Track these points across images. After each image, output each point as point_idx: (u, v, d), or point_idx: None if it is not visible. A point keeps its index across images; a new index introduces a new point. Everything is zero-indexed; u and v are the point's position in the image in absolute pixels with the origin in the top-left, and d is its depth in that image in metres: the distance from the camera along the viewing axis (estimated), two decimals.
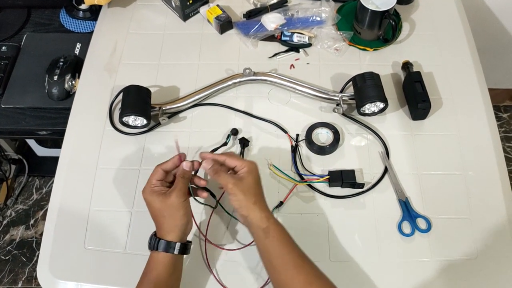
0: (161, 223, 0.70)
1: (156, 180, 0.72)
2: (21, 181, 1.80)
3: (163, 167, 0.74)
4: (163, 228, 0.70)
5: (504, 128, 1.86)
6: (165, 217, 0.70)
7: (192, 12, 1.11)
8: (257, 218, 0.69)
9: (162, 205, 0.70)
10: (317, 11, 1.07)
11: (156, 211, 0.71)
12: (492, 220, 0.82)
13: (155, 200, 0.70)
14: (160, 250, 0.68)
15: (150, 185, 0.72)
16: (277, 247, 0.68)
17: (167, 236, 0.69)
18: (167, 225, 0.70)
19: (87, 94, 1.00)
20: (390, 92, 0.97)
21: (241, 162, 0.73)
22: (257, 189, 0.72)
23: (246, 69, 0.97)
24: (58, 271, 0.81)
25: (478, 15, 1.37)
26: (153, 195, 0.71)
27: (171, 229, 0.70)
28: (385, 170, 0.88)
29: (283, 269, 0.66)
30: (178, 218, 0.70)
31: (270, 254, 0.68)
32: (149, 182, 0.72)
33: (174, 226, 0.70)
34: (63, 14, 1.25)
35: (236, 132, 0.92)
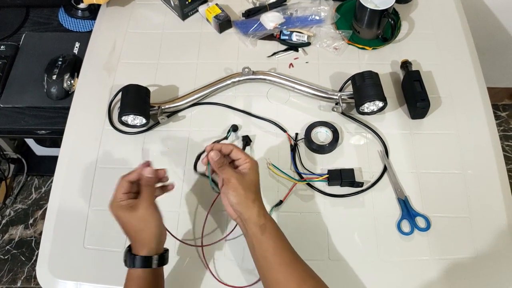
0: (134, 238, 0.67)
1: (122, 194, 0.68)
2: (20, 181, 1.79)
3: (128, 178, 0.70)
4: (138, 243, 0.67)
5: (503, 126, 1.86)
6: (137, 232, 0.67)
7: (191, 11, 1.11)
8: (255, 215, 0.68)
9: (131, 219, 0.67)
10: (316, 10, 1.07)
11: (126, 225, 0.67)
12: (491, 219, 0.82)
13: (123, 215, 0.67)
14: (138, 266, 0.66)
15: (116, 200, 0.68)
16: (273, 243, 0.68)
17: (143, 251, 0.66)
18: (140, 240, 0.67)
19: (86, 93, 1.00)
20: (389, 91, 0.97)
21: (245, 157, 0.72)
22: (257, 187, 0.71)
23: (245, 68, 0.97)
24: (58, 271, 0.81)
25: (477, 13, 1.38)
26: (120, 210, 0.67)
27: (145, 243, 0.66)
28: (384, 169, 0.88)
29: (278, 266, 0.66)
30: (151, 231, 0.67)
31: (265, 250, 0.68)
32: (115, 197, 0.69)
33: (148, 239, 0.67)
34: (62, 13, 1.25)
35: (236, 128, 0.92)
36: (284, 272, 0.66)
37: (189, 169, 0.89)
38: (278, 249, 0.68)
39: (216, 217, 0.84)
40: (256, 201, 0.70)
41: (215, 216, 0.84)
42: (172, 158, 0.91)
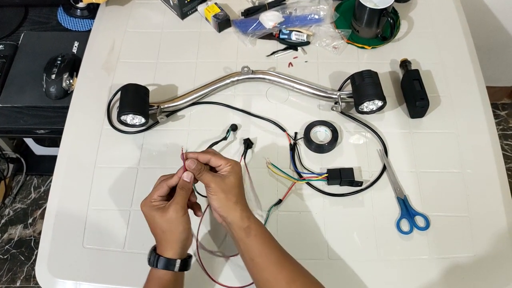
0: (160, 239, 0.68)
1: (158, 196, 0.69)
2: (19, 180, 1.79)
3: (169, 183, 0.70)
4: (162, 244, 0.67)
5: (502, 125, 1.86)
6: (164, 233, 0.67)
7: (190, 10, 1.11)
8: (238, 217, 0.68)
9: (160, 220, 0.67)
10: (315, 9, 1.06)
11: (155, 226, 0.68)
12: (490, 218, 0.82)
13: (153, 215, 0.67)
14: (160, 267, 0.66)
15: (150, 200, 0.69)
16: (259, 245, 0.68)
17: (167, 252, 0.67)
18: (166, 241, 0.67)
19: (85, 92, 1.00)
20: (388, 90, 0.97)
21: (226, 161, 0.71)
22: (238, 189, 0.70)
23: (244, 68, 0.97)
24: (57, 270, 0.80)
25: (476, 12, 1.37)
26: (151, 210, 0.68)
27: (170, 245, 0.67)
28: (384, 168, 0.88)
29: (266, 267, 0.66)
30: (177, 234, 0.67)
31: (252, 253, 0.67)
32: (150, 196, 0.69)
33: (173, 242, 0.67)
34: (61, 12, 1.25)
35: (235, 127, 0.92)
36: (272, 272, 0.66)
37: None
38: (265, 250, 0.67)
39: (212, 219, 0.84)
40: (239, 204, 0.69)
41: (211, 218, 0.84)
42: (171, 158, 0.91)
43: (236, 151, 0.91)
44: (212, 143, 0.90)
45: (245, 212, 0.69)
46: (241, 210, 0.69)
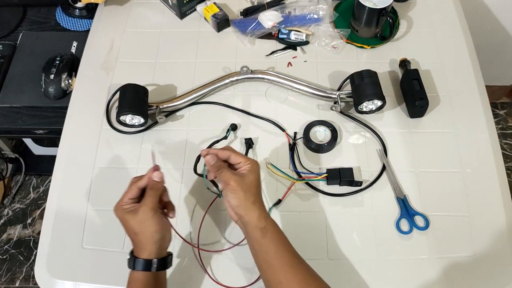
0: (134, 241, 0.67)
1: (128, 199, 0.69)
2: (18, 180, 1.79)
3: (138, 184, 0.69)
4: (138, 246, 0.67)
5: (501, 125, 1.86)
6: (137, 235, 0.67)
7: (189, 10, 1.11)
8: (255, 217, 0.68)
9: (132, 223, 0.66)
10: (314, 9, 1.06)
11: (128, 228, 0.67)
12: (490, 218, 0.82)
13: (125, 218, 0.67)
14: (138, 269, 0.66)
15: (121, 204, 0.68)
16: (274, 246, 0.67)
17: (143, 254, 0.66)
18: (140, 243, 0.67)
19: (84, 92, 1.00)
20: (387, 90, 0.97)
21: (245, 159, 0.71)
22: (257, 189, 0.70)
23: (243, 67, 0.97)
24: (56, 271, 0.80)
25: (475, 12, 1.37)
26: (123, 213, 0.67)
27: (144, 246, 0.66)
28: (383, 168, 0.88)
29: (281, 269, 0.66)
30: (150, 235, 0.66)
31: (266, 254, 0.67)
32: (121, 200, 0.69)
33: (147, 243, 0.66)
34: (59, 12, 1.24)
35: (235, 127, 0.92)
36: (286, 274, 0.65)
37: (188, 169, 0.88)
38: (280, 251, 0.67)
39: (215, 218, 0.84)
40: (257, 203, 0.69)
41: (214, 217, 0.84)
42: (170, 158, 0.90)
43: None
44: (213, 142, 0.90)
45: (262, 213, 0.69)
46: (259, 210, 0.68)
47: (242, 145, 0.91)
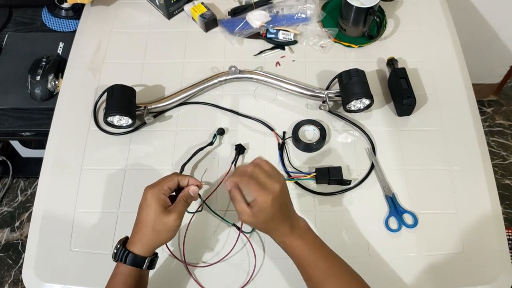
0: (143, 234, 0.66)
1: (168, 188, 0.68)
2: (5, 183, 1.77)
3: (181, 179, 0.70)
4: (141, 240, 0.66)
5: (488, 122, 1.88)
6: (152, 231, 0.66)
7: (177, 10, 1.10)
8: (276, 237, 0.68)
9: (157, 218, 0.66)
10: (302, 8, 1.06)
11: (147, 218, 0.66)
12: (477, 214, 0.83)
13: (154, 207, 0.66)
14: (129, 263, 0.65)
15: (160, 188, 0.67)
16: (303, 262, 0.67)
17: (141, 249, 0.66)
18: (148, 239, 0.66)
19: (71, 94, 0.99)
20: (375, 88, 0.97)
21: (257, 193, 0.64)
22: (275, 219, 0.66)
23: (231, 67, 0.96)
24: (44, 274, 0.79)
25: (461, 10, 1.39)
26: (156, 201, 0.66)
27: (148, 244, 0.66)
28: (372, 167, 0.88)
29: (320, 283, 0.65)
30: (163, 238, 0.67)
31: (301, 271, 0.67)
32: (161, 185, 0.68)
33: (154, 243, 0.67)
34: (45, 13, 1.23)
35: (222, 131, 0.91)
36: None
37: (177, 169, 0.88)
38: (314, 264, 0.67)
39: (201, 223, 0.84)
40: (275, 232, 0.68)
41: (199, 223, 0.84)
42: (159, 159, 0.90)
43: (226, 157, 0.90)
44: (198, 149, 0.89)
45: (295, 240, 0.67)
46: (276, 230, 0.67)
47: (231, 151, 0.90)
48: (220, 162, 0.89)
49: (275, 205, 0.65)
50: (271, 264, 0.79)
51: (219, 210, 0.84)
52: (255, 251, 0.80)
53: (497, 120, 1.89)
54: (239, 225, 0.81)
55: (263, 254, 0.80)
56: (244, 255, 0.80)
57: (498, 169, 1.75)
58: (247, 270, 0.79)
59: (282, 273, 0.79)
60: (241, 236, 0.81)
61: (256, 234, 0.82)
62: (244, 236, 0.81)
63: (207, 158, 0.90)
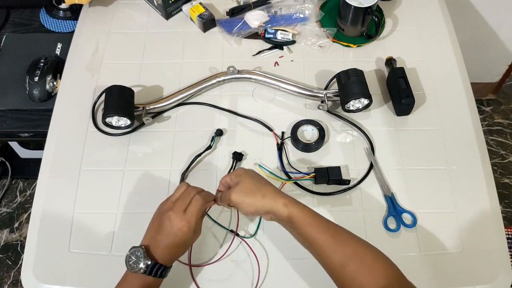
0: (177, 251, 0.69)
1: (200, 216, 0.71)
2: (4, 184, 1.77)
3: (208, 200, 0.73)
4: (173, 256, 0.69)
5: (487, 121, 1.88)
6: (186, 249, 0.71)
7: (175, 10, 1.10)
8: (276, 208, 0.68)
9: (192, 240, 0.70)
10: (300, 8, 1.06)
11: (189, 241, 0.70)
12: (477, 213, 0.83)
13: (192, 235, 0.68)
14: (160, 276, 0.66)
15: (197, 219, 0.69)
16: (306, 231, 0.66)
17: (169, 262, 0.68)
18: (179, 254, 0.70)
19: (69, 95, 0.99)
20: (374, 88, 0.97)
21: (229, 175, 0.74)
22: (257, 184, 0.71)
23: (230, 67, 0.96)
24: (43, 275, 0.79)
25: (460, 9, 1.39)
26: (194, 230, 0.68)
27: (178, 258, 0.70)
28: (371, 166, 0.88)
29: (322, 251, 0.65)
30: (186, 251, 0.72)
31: (303, 240, 0.68)
32: (196, 217, 0.68)
33: (179, 255, 0.70)
34: (43, 14, 1.23)
35: (220, 133, 0.91)
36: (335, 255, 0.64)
37: (175, 170, 0.88)
38: (315, 235, 0.66)
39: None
40: (268, 195, 0.69)
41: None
42: (158, 159, 0.90)
43: (224, 162, 0.89)
44: (197, 155, 0.88)
45: (280, 200, 0.68)
46: (274, 199, 0.68)
47: (230, 156, 0.89)
48: (218, 173, 0.88)
49: (247, 171, 0.73)
50: (275, 268, 0.79)
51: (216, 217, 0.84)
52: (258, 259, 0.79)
53: (496, 119, 1.89)
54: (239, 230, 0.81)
55: (267, 261, 0.80)
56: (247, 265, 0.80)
57: (497, 168, 1.75)
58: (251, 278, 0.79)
59: (288, 275, 0.78)
60: (243, 244, 0.81)
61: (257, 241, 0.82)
62: (245, 242, 0.81)
63: (207, 162, 0.90)
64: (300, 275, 0.78)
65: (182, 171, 0.87)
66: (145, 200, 0.85)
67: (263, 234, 0.81)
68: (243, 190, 0.70)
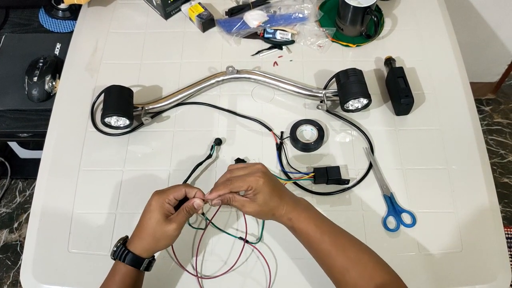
0: (143, 238, 0.68)
1: (173, 198, 0.69)
2: (3, 184, 1.77)
3: (188, 191, 0.70)
4: (141, 243, 0.68)
5: (486, 121, 1.88)
6: (151, 237, 0.67)
7: (174, 10, 1.10)
8: (280, 222, 0.70)
9: (158, 226, 0.67)
10: (300, 8, 1.06)
11: (148, 225, 0.67)
12: (476, 213, 0.83)
13: (156, 214, 0.67)
14: (127, 262, 0.66)
15: (166, 197, 0.68)
16: (311, 237, 0.67)
17: (140, 251, 0.67)
18: (147, 243, 0.67)
19: (68, 95, 0.99)
20: (373, 88, 0.97)
21: (246, 184, 0.68)
22: (274, 196, 0.69)
23: (229, 67, 0.96)
24: (42, 276, 0.79)
25: (459, 9, 1.38)
26: (160, 209, 0.67)
27: (147, 248, 0.68)
28: (370, 166, 0.88)
29: (324, 257, 0.66)
30: (162, 245, 0.69)
31: (310, 247, 0.68)
32: (167, 194, 0.68)
33: (152, 248, 0.68)
34: (42, 14, 1.23)
35: (219, 142, 0.91)
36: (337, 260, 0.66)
37: (174, 170, 0.88)
38: (318, 241, 0.67)
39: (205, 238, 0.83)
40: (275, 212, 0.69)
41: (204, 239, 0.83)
42: (157, 159, 0.90)
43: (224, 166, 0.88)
44: (197, 164, 0.87)
45: (286, 215, 0.69)
46: (280, 216, 0.69)
47: (229, 160, 0.89)
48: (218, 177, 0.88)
49: (266, 179, 0.69)
50: (285, 270, 0.79)
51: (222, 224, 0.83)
52: (267, 261, 0.79)
53: (495, 119, 1.89)
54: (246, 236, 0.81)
55: (275, 263, 0.79)
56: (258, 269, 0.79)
57: (496, 167, 1.75)
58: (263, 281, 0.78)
59: (299, 275, 0.78)
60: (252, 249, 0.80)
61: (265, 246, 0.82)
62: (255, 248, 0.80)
63: (207, 172, 0.89)
64: (309, 274, 0.78)
65: (181, 171, 0.87)
66: (144, 200, 0.84)
67: (267, 236, 0.81)
68: (259, 206, 0.68)
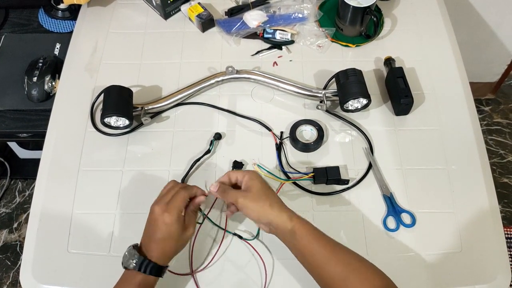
0: (165, 246, 0.68)
1: (183, 207, 0.70)
2: (3, 184, 1.76)
3: (190, 193, 0.73)
4: (164, 252, 0.68)
5: (486, 121, 1.88)
6: (176, 245, 0.69)
7: (173, 10, 1.10)
8: (280, 220, 0.68)
9: (180, 236, 0.69)
10: (299, 8, 1.06)
11: (171, 236, 0.68)
12: (476, 213, 0.83)
13: (176, 227, 0.68)
14: (152, 274, 0.66)
15: (179, 211, 0.69)
16: (308, 245, 0.67)
17: (162, 260, 0.68)
18: (170, 250, 0.69)
19: (68, 95, 0.99)
20: (373, 88, 0.97)
21: (241, 174, 0.73)
22: (267, 192, 0.71)
23: (228, 67, 0.96)
24: (41, 276, 0.79)
25: (458, 9, 1.39)
26: (178, 222, 0.68)
27: (170, 255, 0.69)
28: (370, 166, 0.88)
29: (322, 265, 0.66)
30: (181, 249, 0.71)
31: (303, 254, 0.68)
32: (177, 208, 0.69)
33: (174, 253, 0.70)
34: (42, 14, 1.23)
35: (219, 136, 0.91)
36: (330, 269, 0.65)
37: (174, 170, 0.88)
38: (315, 249, 0.67)
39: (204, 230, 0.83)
40: (275, 206, 0.69)
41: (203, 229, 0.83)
42: (156, 159, 0.90)
43: (223, 164, 0.89)
44: (195, 160, 0.88)
45: (285, 213, 0.69)
46: (280, 211, 0.69)
47: (229, 160, 0.89)
48: (217, 176, 0.88)
49: (259, 176, 0.72)
50: (281, 268, 0.79)
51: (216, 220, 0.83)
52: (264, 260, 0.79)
53: (495, 119, 1.89)
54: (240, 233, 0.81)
55: (272, 261, 0.80)
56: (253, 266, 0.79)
57: (496, 167, 1.76)
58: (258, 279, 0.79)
59: (295, 274, 0.78)
60: (247, 246, 0.80)
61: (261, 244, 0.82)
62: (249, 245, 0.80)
63: (206, 164, 0.89)
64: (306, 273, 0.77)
65: (180, 171, 0.87)
66: (144, 200, 0.84)
67: (265, 234, 0.81)
68: (253, 196, 0.70)
